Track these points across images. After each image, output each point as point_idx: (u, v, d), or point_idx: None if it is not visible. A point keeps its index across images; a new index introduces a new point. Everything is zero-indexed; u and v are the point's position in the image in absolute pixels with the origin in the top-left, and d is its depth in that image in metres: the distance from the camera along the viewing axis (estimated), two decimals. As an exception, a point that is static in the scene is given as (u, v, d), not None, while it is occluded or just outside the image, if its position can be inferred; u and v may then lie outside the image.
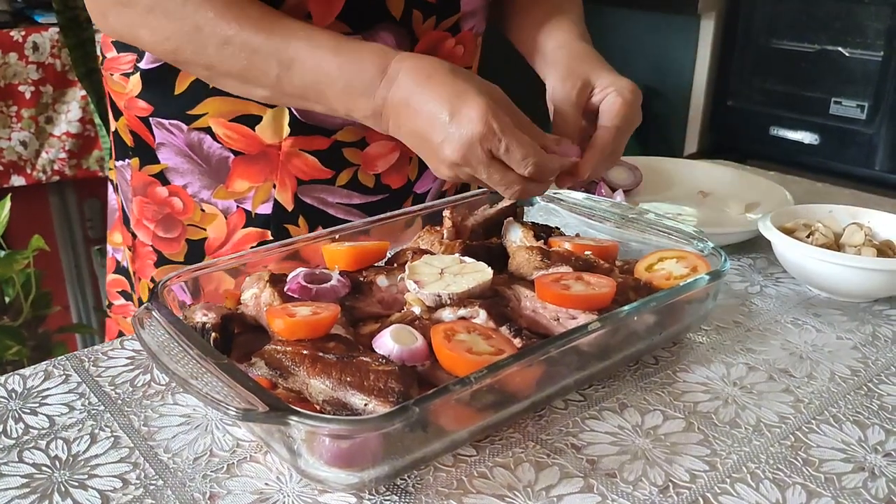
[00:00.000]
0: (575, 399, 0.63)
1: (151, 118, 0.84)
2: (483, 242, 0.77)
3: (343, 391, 0.52)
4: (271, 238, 0.86)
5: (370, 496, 0.52)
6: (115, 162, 0.92)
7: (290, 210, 0.85)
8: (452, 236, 0.76)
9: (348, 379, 0.52)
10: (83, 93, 1.93)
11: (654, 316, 0.66)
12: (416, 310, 0.63)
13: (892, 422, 0.61)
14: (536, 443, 0.58)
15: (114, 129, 0.90)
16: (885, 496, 0.53)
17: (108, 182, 1.00)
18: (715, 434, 0.59)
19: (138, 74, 0.83)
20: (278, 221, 0.86)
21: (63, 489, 0.52)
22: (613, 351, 0.64)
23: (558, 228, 0.82)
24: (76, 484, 0.53)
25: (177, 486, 0.53)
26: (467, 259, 0.68)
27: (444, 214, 0.78)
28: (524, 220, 0.82)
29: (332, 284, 0.64)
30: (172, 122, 0.83)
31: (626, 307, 0.62)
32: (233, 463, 0.55)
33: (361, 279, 0.67)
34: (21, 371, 0.66)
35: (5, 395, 0.63)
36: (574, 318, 0.62)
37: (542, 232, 0.78)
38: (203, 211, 0.86)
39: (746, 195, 1.04)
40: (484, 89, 0.66)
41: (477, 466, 0.55)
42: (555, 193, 0.87)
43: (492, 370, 0.52)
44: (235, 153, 0.83)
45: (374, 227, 0.78)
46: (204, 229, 0.86)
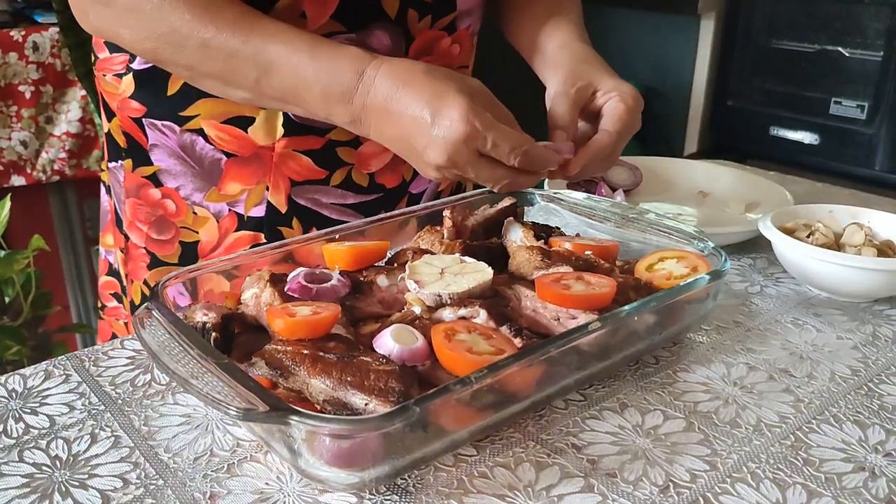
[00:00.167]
0: (575, 399, 0.63)
1: (144, 119, 0.83)
2: (483, 242, 0.77)
3: (343, 391, 0.52)
4: (265, 241, 0.85)
5: (370, 496, 0.52)
6: (107, 163, 0.92)
7: (283, 212, 0.85)
8: (453, 236, 0.76)
9: (349, 379, 0.52)
10: (83, 93, 1.94)
11: (655, 316, 0.66)
12: (417, 310, 0.63)
13: (893, 422, 0.61)
14: (537, 442, 0.58)
15: (106, 130, 0.89)
16: (885, 496, 0.53)
17: (100, 183, 0.99)
18: (715, 434, 0.59)
19: (131, 75, 0.82)
20: (272, 224, 0.85)
21: (63, 489, 0.52)
22: (614, 351, 0.64)
23: (558, 228, 0.82)
24: (76, 484, 0.53)
25: (177, 486, 0.53)
26: (467, 259, 0.68)
27: (444, 214, 0.78)
28: (524, 219, 0.82)
29: (333, 284, 0.64)
30: (165, 123, 0.82)
31: (626, 307, 0.62)
32: (233, 463, 0.55)
33: (362, 279, 0.67)
34: (21, 371, 0.66)
35: (5, 394, 0.63)
36: (574, 318, 0.62)
37: (543, 232, 0.78)
38: (195, 214, 0.85)
39: (746, 195, 1.04)
40: (463, 87, 0.65)
41: (477, 466, 0.55)
42: (555, 193, 0.87)
43: (492, 370, 0.52)
44: (228, 155, 0.82)
45: (370, 228, 0.78)
46: (196, 232, 0.86)
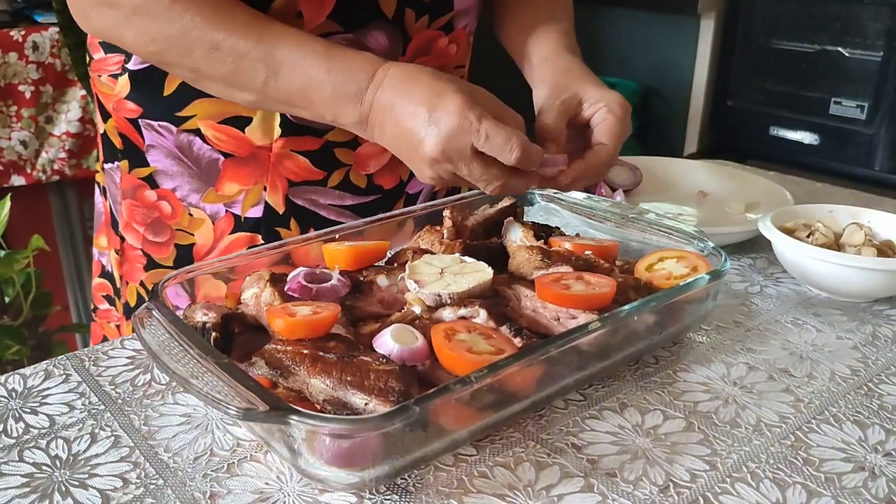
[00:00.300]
0: (575, 399, 0.63)
1: (140, 120, 0.83)
2: (483, 242, 0.77)
3: (343, 391, 0.52)
4: (262, 242, 0.85)
5: (370, 496, 0.52)
6: (102, 164, 0.91)
7: (281, 213, 0.84)
8: (452, 236, 0.76)
9: (348, 378, 0.52)
10: (83, 92, 1.94)
11: (654, 316, 0.66)
12: (417, 309, 0.63)
13: (892, 421, 0.61)
14: (537, 442, 0.58)
15: (102, 131, 0.89)
16: (885, 496, 0.53)
17: (95, 185, 0.98)
18: (715, 434, 0.59)
19: (126, 75, 0.82)
20: (269, 224, 0.85)
21: (63, 488, 0.52)
22: (613, 351, 0.64)
23: (558, 228, 0.82)
24: (76, 483, 0.53)
25: (177, 486, 0.53)
26: (467, 259, 0.68)
27: (444, 214, 0.78)
28: (524, 219, 0.82)
29: (333, 284, 0.64)
30: (162, 123, 0.82)
31: (626, 307, 0.62)
32: (233, 462, 0.55)
33: (362, 279, 0.67)
34: (21, 370, 0.66)
35: (5, 394, 0.63)
36: (574, 318, 0.62)
37: (543, 232, 0.78)
38: (191, 216, 0.85)
39: (746, 195, 1.04)
40: (464, 87, 0.66)
41: (477, 466, 0.55)
42: (555, 193, 0.87)
43: (492, 370, 0.52)
44: (226, 155, 0.82)
45: (369, 228, 0.78)
46: (192, 234, 0.86)
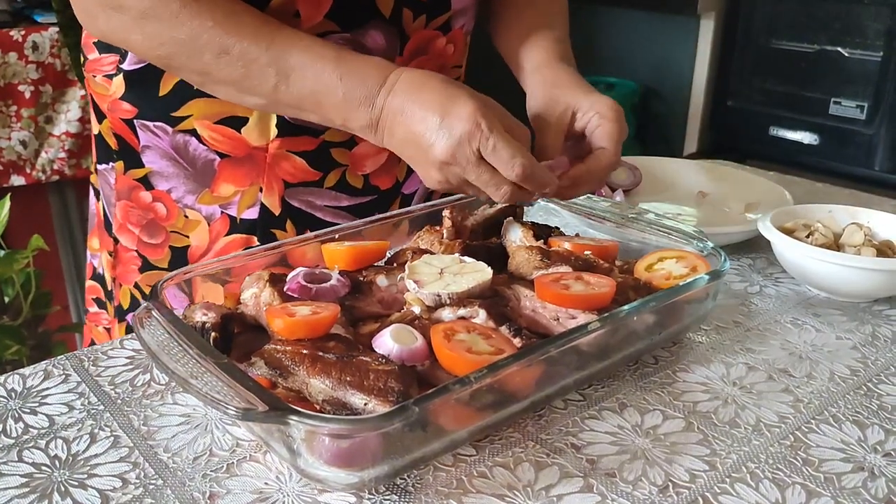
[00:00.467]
0: (575, 399, 0.63)
1: (136, 120, 0.82)
2: (483, 242, 0.77)
3: (343, 391, 0.52)
4: (258, 244, 0.84)
5: (370, 496, 0.52)
6: (96, 165, 0.91)
7: (277, 214, 0.84)
8: (452, 236, 0.76)
9: (348, 378, 0.52)
10: (83, 92, 1.94)
11: (654, 316, 0.66)
12: (416, 309, 0.63)
13: (892, 421, 0.61)
14: (536, 442, 0.58)
15: (97, 132, 0.88)
16: (884, 496, 0.53)
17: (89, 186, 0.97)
18: (714, 434, 0.59)
19: (121, 76, 0.81)
20: (265, 226, 0.85)
21: (63, 489, 0.52)
22: (613, 351, 0.64)
23: (558, 228, 0.82)
24: (76, 483, 0.53)
25: (176, 486, 0.53)
26: (467, 259, 0.68)
27: (443, 214, 0.78)
28: (524, 219, 0.82)
29: (332, 284, 0.64)
30: (157, 124, 0.81)
31: (625, 307, 0.62)
32: (232, 462, 0.55)
33: (361, 279, 0.67)
34: (21, 370, 0.66)
35: (5, 394, 0.63)
36: (574, 318, 0.62)
37: (542, 232, 0.78)
38: (186, 217, 0.85)
39: (746, 195, 1.04)
40: (475, 94, 0.67)
41: (477, 466, 0.55)
42: (555, 193, 0.87)
43: (491, 370, 0.52)
44: (222, 156, 0.82)
45: (367, 229, 0.77)
46: (187, 236, 0.85)
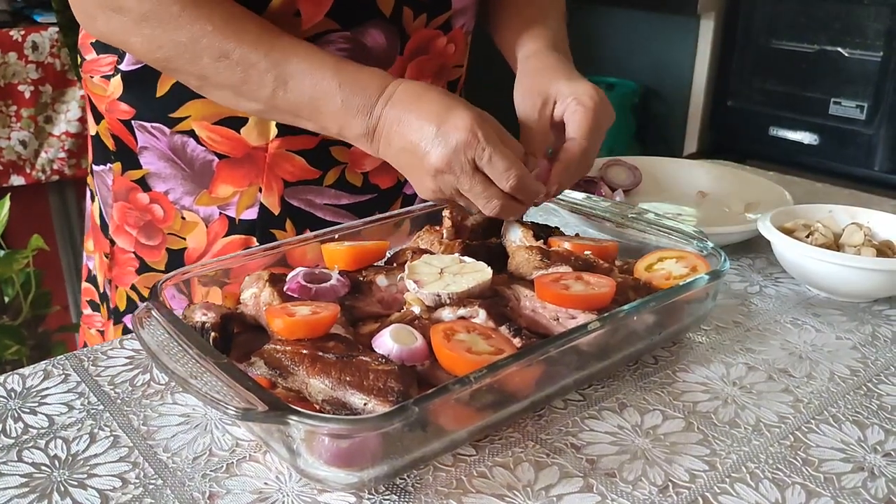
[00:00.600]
0: (574, 399, 0.63)
1: (133, 121, 0.82)
2: (483, 242, 0.77)
3: (342, 391, 0.52)
4: (257, 244, 0.84)
5: (370, 496, 0.52)
6: (92, 167, 0.90)
7: (276, 214, 0.84)
8: (452, 236, 0.76)
9: (348, 378, 0.52)
10: (82, 92, 1.93)
11: (654, 316, 0.66)
12: (416, 309, 0.63)
13: (892, 421, 0.61)
14: (536, 442, 0.58)
15: (94, 133, 0.88)
16: (884, 496, 0.53)
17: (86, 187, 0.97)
18: (714, 434, 0.59)
19: (119, 76, 0.81)
20: (264, 226, 0.84)
21: (62, 489, 0.52)
22: (613, 351, 0.64)
23: (558, 228, 0.82)
24: (75, 483, 0.53)
25: (176, 486, 0.53)
26: (467, 259, 0.68)
27: (443, 214, 0.78)
28: (523, 219, 0.82)
29: (332, 284, 0.64)
30: (155, 125, 0.81)
31: (625, 307, 0.62)
32: (232, 462, 0.55)
33: (361, 279, 0.67)
34: (20, 370, 0.66)
35: (4, 394, 0.63)
36: (574, 318, 0.62)
37: (542, 232, 0.78)
38: (184, 219, 0.84)
39: (746, 195, 1.04)
40: (472, 107, 0.67)
41: (476, 466, 0.55)
42: (554, 193, 0.87)
43: (491, 370, 0.52)
44: (220, 156, 0.81)
45: (366, 228, 0.77)
46: (184, 239, 0.85)
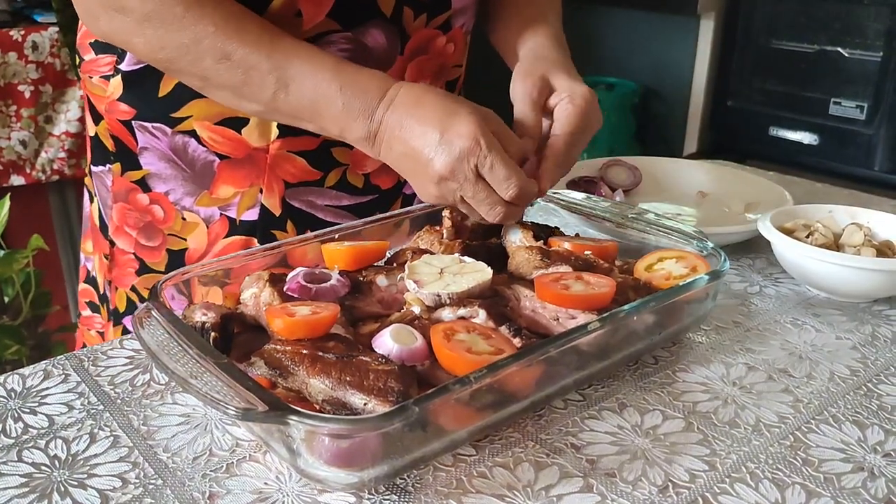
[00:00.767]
0: (574, 399, 0.63)
1: (134, 122, 0.82)
2: (483, 242, 0.77)
3: (342, 391, 0.52)
4: (258, 245, 0.84)
5: (370, 496, 0.52)
6: (90, 167, 0.90)
7: (277, 215, 0.84)
8: (452, 236, 0.76)
9: (348, 378, 0.52)
10: (82, 92, 1.93)
11: (654, 316, 0.66)
12: (416, 309, 0.63)
13: (892, 422, 0.61)
14: (536, 442, 0.58)
15: (93, 133, 0.88)
16: (884, 496, 0.53)
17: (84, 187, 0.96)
18: (714, 434, 0.59)
19: (119, 76, 0.81)
20: (265, 227, 0.84)
21: (62, 489, 0.52)
22: (613, 351, 0.64)
23: (558, 228, 0.82)
24: (75, 483, 0.53)
25: (176, 486, 0.53)
26: (467, 259, 0.68)
27: (443, 214, 0.78)
28: (523, 220, 0.82)
29: (332, 284, 0.64)
30: (156, 125, 0.81)
31: (625, 307, 0.62)
32: (232, 462, 0.55)
33: (361, 279, 0.67)
34: (20, 370, 0.66)
35: (4, 394, 0.63)
36: (574, 318, 0.62)
37: (542, 232, 0.78)
38: (184, 220, 0.84)
39: (746, 195, 1.04)
40: (475, 110, 0.67)
41: (476, 466, 0.55)
42: (554, 193, 0.87)
43: (491, 370, 0.52)
44: (221, 157, 0.81)
45: (367, 229, 0.77)
46: (184, 239, 0.85)
